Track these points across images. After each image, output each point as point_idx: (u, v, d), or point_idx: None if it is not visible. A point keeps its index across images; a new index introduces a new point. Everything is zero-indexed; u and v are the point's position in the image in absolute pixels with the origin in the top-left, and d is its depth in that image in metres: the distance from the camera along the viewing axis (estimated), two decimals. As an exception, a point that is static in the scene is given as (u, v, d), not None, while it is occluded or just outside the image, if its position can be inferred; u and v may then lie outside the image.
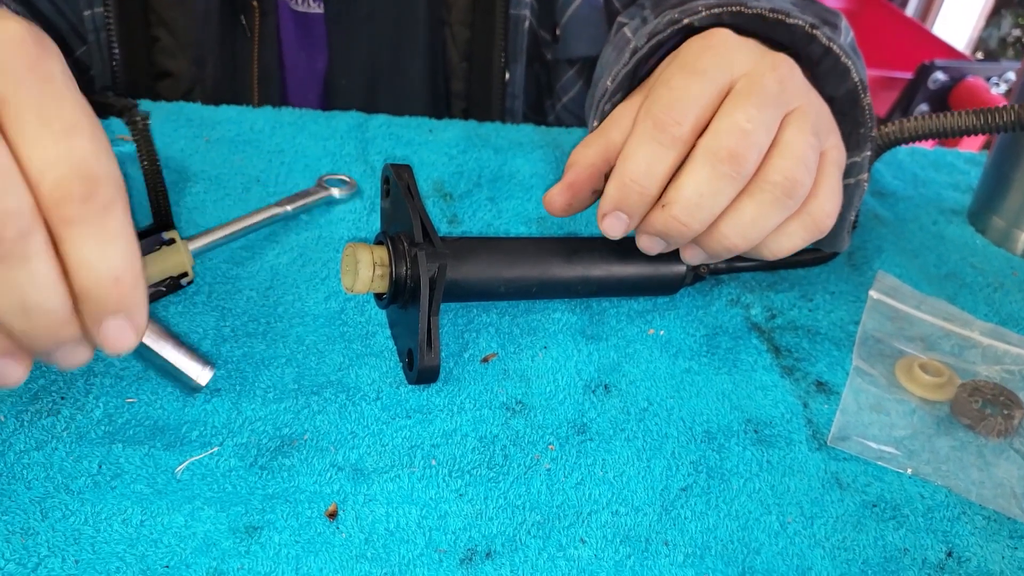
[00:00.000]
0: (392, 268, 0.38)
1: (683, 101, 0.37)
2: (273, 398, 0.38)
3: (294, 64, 0.67)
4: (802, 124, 0.39)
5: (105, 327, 0.28)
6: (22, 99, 0.27)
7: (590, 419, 0.39)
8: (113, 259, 0.28)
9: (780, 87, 0.38)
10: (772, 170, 0.38)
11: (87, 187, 0.27)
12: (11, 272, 0.26)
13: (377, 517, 0.33)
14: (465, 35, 0.66)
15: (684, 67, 0.39)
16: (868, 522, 0.36)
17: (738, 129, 0.37)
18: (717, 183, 0.37)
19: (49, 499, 0.32)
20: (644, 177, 0.38)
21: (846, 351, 0.45)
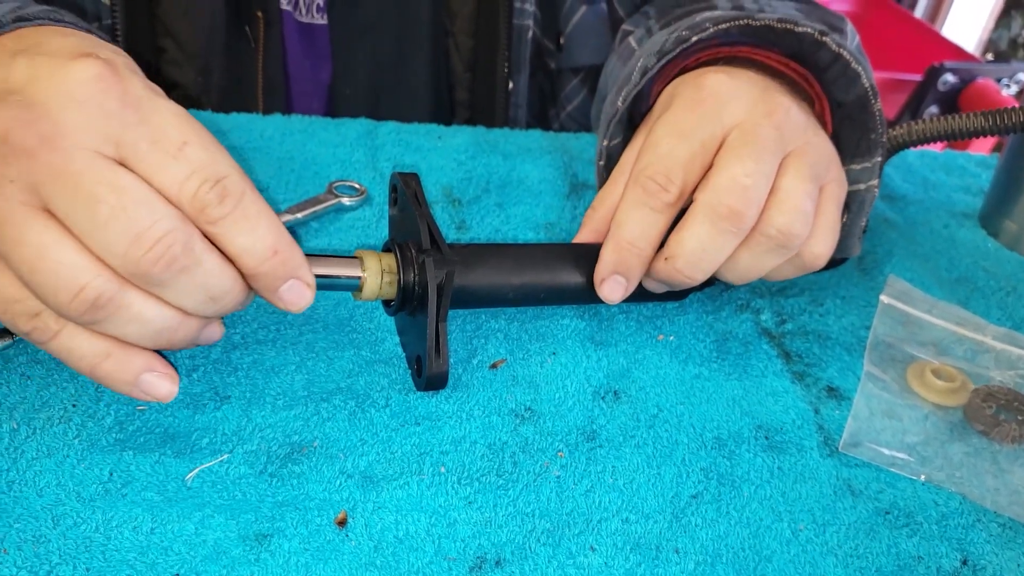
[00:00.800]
0: (400, 275, 0.38)
1: (670, 167, 0.39)
2: (283, 405, 0.38)
3: (299, 74, 0.67)
4: (800, 170, 0.39)
5: (282, 293, 0.33)
6: (131, 135, 0.30)
7: (600, 426, 0.39)
8: (264, 238, 0.32)
9: (777, 134, 0.39)
10: (769, 223, 0.39)
11: (216, 190, 0.31)
12: (192, 278, 0.31)
13: (386, 525, 0.33)
14: (469, 44, 0.66)
15: (672, 128, 0.40)
16: (881, 529, 0.36)
17: (737, 186, 0.38)
18: (718, 238, 0.38)
19: (60, 506, 0.32)
20: (639, 241, 0.39)
21: (857, 356, 0.45)
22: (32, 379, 0.37)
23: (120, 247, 0.30)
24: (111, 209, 0.29)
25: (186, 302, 0.32)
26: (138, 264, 0.30)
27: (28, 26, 0.35)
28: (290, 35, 0.66)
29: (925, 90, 1.76)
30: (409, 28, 0.65)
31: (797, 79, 0.47)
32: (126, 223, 0.29)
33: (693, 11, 0.53)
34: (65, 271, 0.29)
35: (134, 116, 0.31)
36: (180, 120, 0.31)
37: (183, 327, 0.33)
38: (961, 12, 2.33)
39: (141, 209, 0.30)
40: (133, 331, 0.32)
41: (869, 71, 0.44)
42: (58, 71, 0.30)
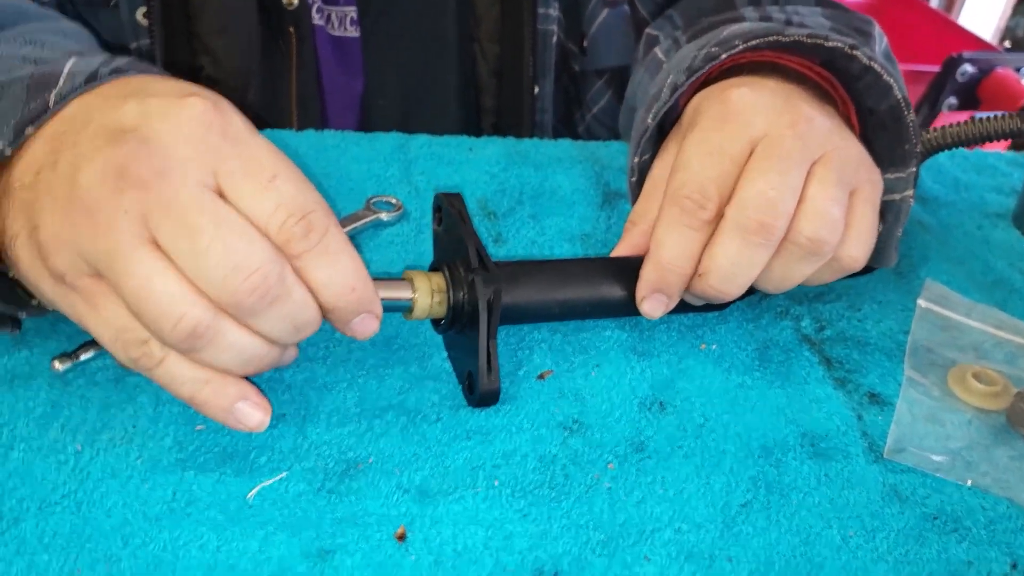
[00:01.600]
0: (450, 294, 0.39)
1: (705, 185, 0.39)
2: (337, 422, 0.38)
3: (333, 87, 0.68)
4: (826, 177, 0.40)
5: (354, 325, 0.35)
6: (228, 166, 0.32)
7: (647, 437, 0.39)
8: (344, 274, 0.34)
9: (801, 143, 0.40)
10: (799, 232, 0.39)
11: (304, 224, 0.32)
12: (281, 308, 0.33)
13: (445, 539, 0.34)
14: (494, 51, 0.67)
15: (702, 146, 0.41)
16: (930, 535, 0.36)
17: (764, 199, 0.38)
18: (750, 252, 0.39)
19: (128, 526, 0.33)
20: (679, 260, 0.40)
21: (897, 361, 0.45)
22: (92, 401, 0.38)
23: (218, 276, 0.31)
24: (211, 239, 0.31)
25: (274, 331, 0.33)
26: (235, 294, 0.31)
27: (125, 76, 0.37)
28: (323, 49, 0.67)
29: (943, 81, 1.75)
30: (437, 37, 0.66)
31: (820, 82, 0.47)
32: (224, 253, 0.31)
33: (720, 23, 0.53)
34: (167, 300, 0.31)
35: (233, 150, 0.32)
36: (272, 154, 0.33)
37: (270, 354, 0.34)
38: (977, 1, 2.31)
39: (239, 240, 0.31)
40: (227, 359, 0.33)
41: (900, 81, 0.44)
42: (170, 109, 0.32)
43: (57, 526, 0.33)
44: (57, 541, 0.32)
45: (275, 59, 0.65)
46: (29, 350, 0.40)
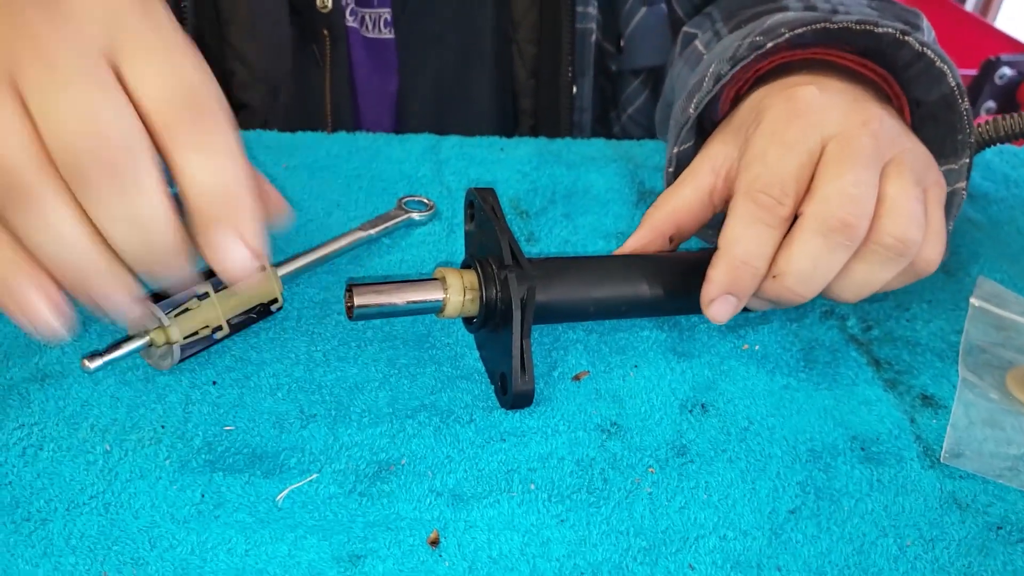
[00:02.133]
0: (482, 292, 0.38)
1: (783, 179, 0.37)
2: (368, 422, 0.37)
3: (367, 89, 0.68)
4: (904, 177, 0.38)
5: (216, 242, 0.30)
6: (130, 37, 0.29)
7: (689, 440, 0.38)
8: (223, 171, 0.29)
9: (875, 142, 0.38)
10: (883, 233, 0.37)
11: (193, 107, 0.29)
12: (125, 188, 0.28)
13: (479, 544, 0.33)
14: (532, 52, 0.66)
15: (775, 138, 0.39)
16: (994, 546, 0.34)
17: (846, 196, 0.36)
18: (831, 253, 0.37)
19: (156, 528, 0.33)
20: (756, 259, 0.38)
21: (950, 362, 0.43)
22: (121, 400, 0.38)
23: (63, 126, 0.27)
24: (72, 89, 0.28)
25: (108, 221, 0.29)
26: (74, 148, 0.27)
27: None
28: (356, 51, 0.66)
29: (981, 84, 1.71)
30: (473, 39, 0.65)
31: (876, 79, 0.46)
32: (80, 104, 0.28)
33: (763, 12, 0.52)
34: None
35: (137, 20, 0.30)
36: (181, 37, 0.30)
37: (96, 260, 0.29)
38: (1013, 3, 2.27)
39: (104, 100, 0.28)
40: (42, 242, 0.29)
41: (954, 69, 0.42)
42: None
43: (84, 527, 0.32)
44: (84, 543, 0.32)
45: (308, 62, 0.65)
46: (60, 349, 0.40)
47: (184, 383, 0.39)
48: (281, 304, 0.42)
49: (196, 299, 0.38)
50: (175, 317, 0.37)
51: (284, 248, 0.48)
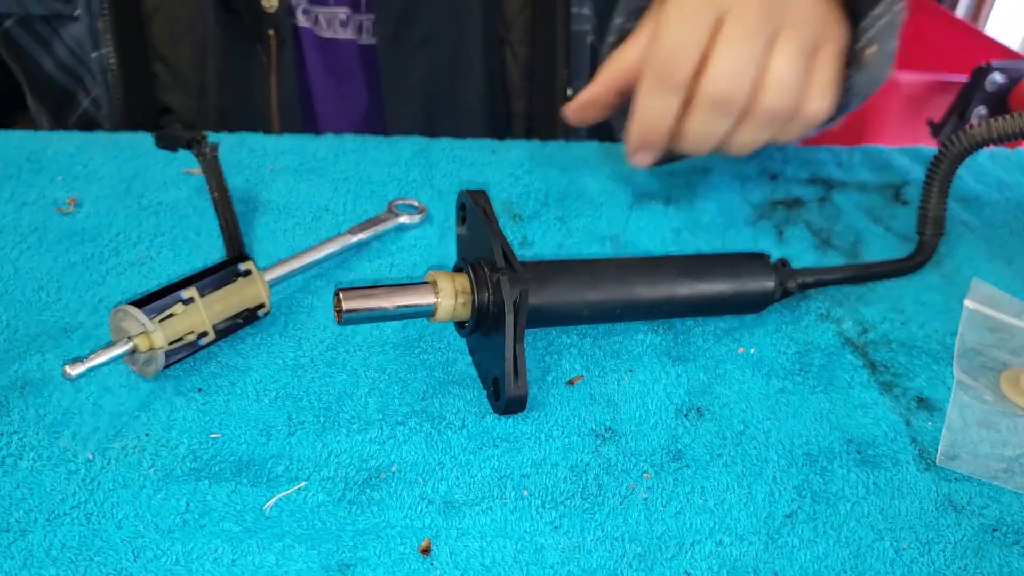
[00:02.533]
0: (474, 295, 0.37)
1: (678, 49, 0.44)
2: (357, 429, 0.37)
3: (324, 92, 0.66)
4: (789, 45, 0.44)
5: None
6: None
7: (684, 445, 0.37)
8: None
9: (765, 15, 0.44)
10: (761, 103, 0.44)
11: None
12: None
13: (472, 552, 0.32)
14: (526, 53, 0.65)
15: (677, 13, 0.45)
16: (990, 548, 0.34)
17: (726, 73, 0.43)
18: (715, 121, 0.45)
19: (139, 539, 0.32)
20: (659, 120, 0.46)
21: (945, 364, 0.43)
22: (104, 408, 0.37)
23: None
24: None
25: None
26: None
27: None
28: (310, 52, 0.65)
29: (972, 91, 1.71)
30: (463, 41, 0.64)
31: None
32: None
33: None
34: None
35: None
36: None
37: None
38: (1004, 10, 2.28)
39: None
40: None
41: None
42: None
43: (65, 538, 0.31)
44: (65, 554, 0.31)
45: (252, 64, 0.63)
46: (41, 355, 0.39)
47: (169, 390, 0.38)
48: (268, 309, 0.41)
49: (181, 304, 0.37)
50: (159, 323, 0.37)
51: (271, 252, 0.47)
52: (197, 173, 0.53)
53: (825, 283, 0.47)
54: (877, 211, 0.55)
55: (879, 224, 0.54)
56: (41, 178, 0.52)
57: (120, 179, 0.53)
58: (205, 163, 0.44)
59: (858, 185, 0.58)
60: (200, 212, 0.50)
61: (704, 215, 0.54)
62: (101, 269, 0.45)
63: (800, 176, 0.59)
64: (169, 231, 0.48)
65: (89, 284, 0.44)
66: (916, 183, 0.58)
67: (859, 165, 0.60)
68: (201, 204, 0.51)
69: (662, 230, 0.52)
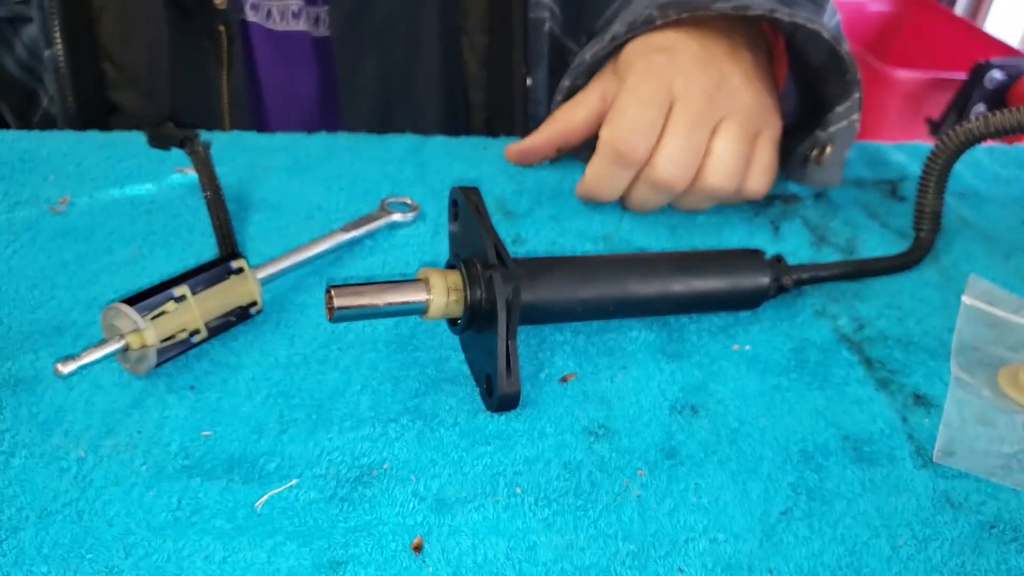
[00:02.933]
0: (467, 292, 0.37)
1: (634, 132, 0.47)
2: (349, 426, 0.37)
3: (272, 86, 0.66)
4: (728, 132, 0.48)
5: None
6: None
7: (679, 442, 0.37)
8: None
9: (709, 105, 0.48)
10: (704, 183, 0.49)
11: None
12: None
13: (464, 550, 0.32)
14: (483, 42, 0.65)
15: (634, 96, 0.48)
16: (988, 545, 0.33)
17: (671, 161, 0.48)
18: (656, 199, 0.50)
19: (131, 536, 0.32)
20: (606, 191, 0.50)
21: (942, 361, 0.43)
22: (96, 406, 0.37)
23: None
24: None
25: None
26: None
27: None
28: (260, 47, 0.64)
29: (971, 88, 1.71)
30: (419, 29, 0.63)
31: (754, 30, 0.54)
32: None
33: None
34: None
35: None
36: None
37: None
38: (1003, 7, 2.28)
39: None
40: None
41: (827, 24, 0.50)
42: None
43: (57, 536, 0.31)
44: (56, 552, 0.31)
45: (203, 62, 0.63)
46: (34, 353, 0.39)
47: (161, 388, 0.38)
48: (260, 307, 0.41)
49: (173, 302, 0.37)
50: (151, 320, 0.36)
51: (263, 250, 0.47)
52: (190, 172, 0.53)
53: (821, 279, 0.46)
54: (874, 207, 0.55)
55: (876, 220, 0.54)
56: (34, 177, 0.52)
57: (113, 178, 0.52)
58: (198, 161, 0.44)
59: (854, 181, 0.58)
60: (193, 210, 0.50)
61: (699, 212, 0.54)
62: (94, 267, 0.45)
63: (797, 173, 0.59)
64: (162, 229, 0.48)
65: (82, 282, 0.44)
66: (913, 179, 0.58)
67: (855, 161, 0.60)
68: (194, 202, 0.51)
69: (657, 227, 0.52)
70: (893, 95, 1.83)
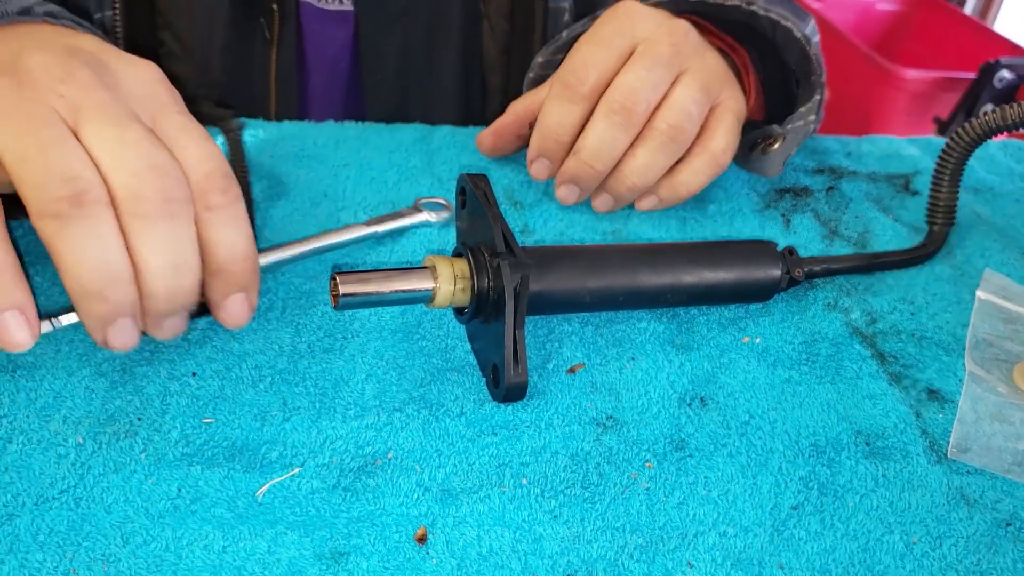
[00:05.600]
0: (474, 281, 0.36)
1: (586, 65, 0.45)
2: (354, 415, 0.36)
3: (317, 66, 0.66)
4: (689, 82, 0.46)
5: (229, 302, 0.35)
6: (171, 118, 0.35)
7: (688, 434, 0.36)
8: (244, 240, 0.35)
9: (672, 51, 0.46)
10: (658, 120, 0.46)
11: (226, 181, 0.34)
12: (172, 227, 0.32)
13: (468, 541, 0.31)
14: (504, 28, 0.65)
15: (590, 37, 0.47)
16: (1004, 543, 0.33)
17: (627, 87, 0.45)
18: (613, 131, 0.45)
19: (129, 524, 0.31)
20: (557, 127, 0.47)
21: (956, 356, 0.42)
22: (96, 392, 0.36)
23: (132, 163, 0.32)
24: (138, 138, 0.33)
25: (148, 249, 0.32)
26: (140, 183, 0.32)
27: None
28: (310, 26, 0.64)
29: (980, 88, 1.70)
30: (441, 14, 0.63)
31: (724, 47, 0.53)
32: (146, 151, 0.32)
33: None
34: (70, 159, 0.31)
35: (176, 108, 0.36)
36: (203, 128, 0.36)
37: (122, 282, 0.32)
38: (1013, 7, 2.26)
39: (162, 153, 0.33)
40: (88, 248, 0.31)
41: (802, 25, 0.50)
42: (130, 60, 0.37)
43: (54, 523, 0.31)
44: (53, 539, 0.30)
45: (255, 38, 0.63)
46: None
47: (163, 374, 0.37)
48: None
49: None
50: None
51: (268, 238, 0.47)
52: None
53: (833, 272, 0.46)
54: (886, 201, 0.54)
55: (888, 214, 0.53)
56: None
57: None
58: (231, 142, 0.44)
59: (867, 175, 0.57)
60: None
61: (710, 204, 0.53)
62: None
63: (807, 165, 0.58)
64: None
65: (83, 268, 0.43)
66: (926, 173, 0.57)
67: (868, 155, 0.59)
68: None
69: (667, 218, 0.51)
70: (901, 95, 1.82)
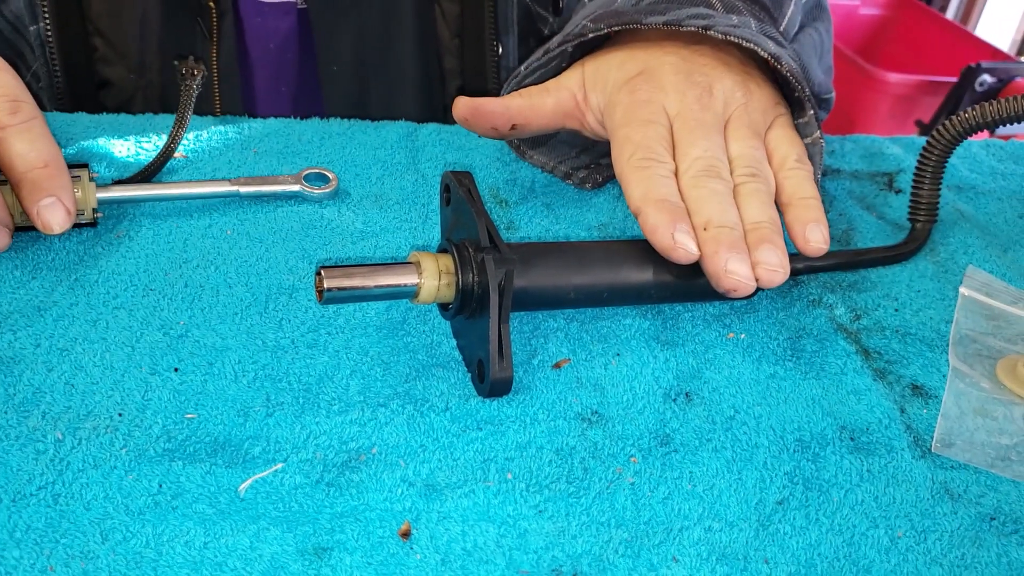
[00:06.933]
0: (458, 276, 0.36)
1: (650, 141, 0.43)
2: (338, 411, 0.36)
3: (262, 59, 0.65)
4: (740, 132, 0.45)
5: (41, 209, 0.39)
6: None
7: (673, 429, 0.36)
8: (36, 151, 0.40)
9: (709, 114, 0.44)
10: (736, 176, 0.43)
11: (14, 104, 0.40)
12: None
13: (453, 536, 0.31)
14: (455, 11, 0.65)
15: (632, 123, 0.44)
16: (987, 537, 0.33)
17: (704, 158, 0.42)
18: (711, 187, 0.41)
19: (108, 520, 0.31)
20: (667, 195, 0.41)
21: (939, 352, 0.42)
22: (76, 387, 0.36)
23: None
24: None
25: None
26: None
27: None
28: (250, 20, 0.64)
29: (962, 92, 1.72)
30: (394, 2, 0.63)
31: None
32: None
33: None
34: None
35: None
36: None
37: None
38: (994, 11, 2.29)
39: None
40: None
41: (767, 42, 0.46)
42: None
43: (31, 520, 0.30)
44: (30, 536, 0.30)
45: (190, 36, 0.62)
46: (12, 334, 0.38)
47: (144, 369, 0.37)
48: (93, 221, 0.43)
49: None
50: None
51: (253, 234, 0.46)
52: (182, 156, 0.52)
53: (816, 269, 0.46)
54: (870, 199, 0.55)
55: (871, 212, 0.53)
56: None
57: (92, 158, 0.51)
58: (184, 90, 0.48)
59: (850, 173, 0.57)
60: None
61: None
62: (79, 251, 0.44)
63: (793, 165, 0.58)
64: (148, 211, 0.47)
65: (65, 264, 0.43)
66: (909, 171, 0.57)
67: (851, 153, 0.60)
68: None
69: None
70: (884, 98, 1.83)
